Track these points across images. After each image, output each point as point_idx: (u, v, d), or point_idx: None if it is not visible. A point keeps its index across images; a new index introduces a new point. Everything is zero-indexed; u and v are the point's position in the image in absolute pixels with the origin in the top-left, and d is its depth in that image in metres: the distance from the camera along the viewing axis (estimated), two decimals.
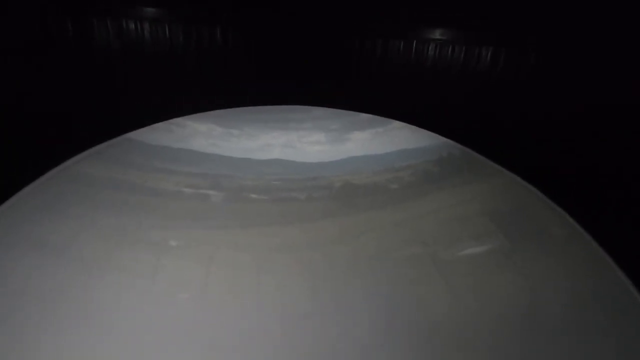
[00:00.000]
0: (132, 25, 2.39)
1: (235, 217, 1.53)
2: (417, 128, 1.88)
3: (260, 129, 1.92)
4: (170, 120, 1.82)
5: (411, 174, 1.78)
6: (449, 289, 1.33)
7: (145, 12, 2.40)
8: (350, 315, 1.24)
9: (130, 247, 1.29)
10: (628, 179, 2.23)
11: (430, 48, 2.58)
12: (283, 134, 1.93)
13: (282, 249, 1.43)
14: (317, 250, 1.42)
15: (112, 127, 1.66)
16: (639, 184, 2.19)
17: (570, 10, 2.24)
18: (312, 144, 1.90)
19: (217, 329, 1.15)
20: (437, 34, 2.55)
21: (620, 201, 2.10)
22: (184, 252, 1.35)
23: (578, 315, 1.23)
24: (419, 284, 1.35)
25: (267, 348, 1.13)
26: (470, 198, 1.60)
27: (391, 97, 2.58)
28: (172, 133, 1.79)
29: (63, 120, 2.11)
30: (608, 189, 2.19)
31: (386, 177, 1.77)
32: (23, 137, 1.98)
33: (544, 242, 1.46)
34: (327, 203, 1.64)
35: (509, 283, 1.38)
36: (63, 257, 1.19)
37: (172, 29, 2.39)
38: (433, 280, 1.36)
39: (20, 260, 1.15)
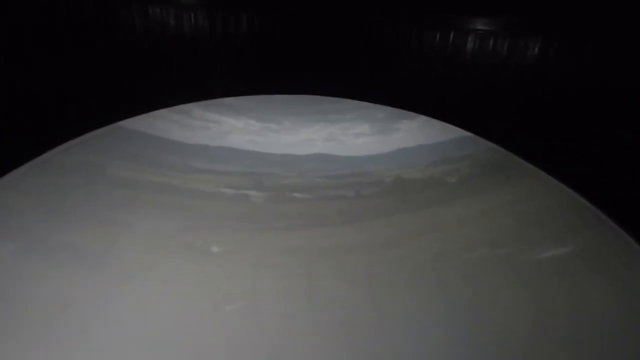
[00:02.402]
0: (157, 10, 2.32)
1: (280, 219, 1.40)
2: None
3: (299, 122, 1.79)
4: (207, 117, 1.73)
5: (471, 164, 1.59)
6: (529, 295, 1.15)
7: None
8: (415, 328, 1.09)
9: (172, 254, 1.19)
10: None
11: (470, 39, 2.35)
12: (324, 126, 1.79)
13: (335, 252, 1.29)
14: (374, 253, 1.27)
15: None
16: None
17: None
18: (357, 136, 1.75)
19: (266, 344, 1.03)
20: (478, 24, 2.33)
21: None
22: (229, 258, 1.24)
23: None
24: (493, 289, 1.17)
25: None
26: (546, 191, 1.40)
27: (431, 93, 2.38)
28: (209, 130, 1.69)
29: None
30: None
31: (442, 169, 1.59)
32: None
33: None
34: (379, 200, 1.48)
35: (599, 288, 1.18)
36: (101, 265, 1.10)
37: (198, 16, 2.30)
38: (510, 285, 1.18)
39: (56, 269, 1.07)
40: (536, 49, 2.24)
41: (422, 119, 1.77)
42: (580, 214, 1.34)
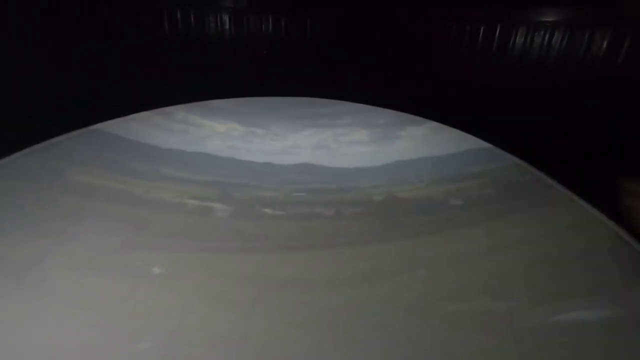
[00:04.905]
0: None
1: (238, 238, 1.21)
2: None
3: (288, 127, 1.59)
4: (189, 120, 1.60)
5: (484, 184, 1.25)
6: None
7: None
8: None
9: (102, 272, 1.06)
10: None
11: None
12: (316, 132, 1.56)
13: (288, 285, 1.06)
14: (333, 291, 1.02)
15: None
16: None
17: None
18: (351, 144, 1.50)
19: None
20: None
21: None
22: (165, 283, 1.08)
23: None
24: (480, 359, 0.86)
25: None
26: (583, 227, 1.03)
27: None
28: (188, 134, 1.56)
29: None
30: None
31: (446, 189, 1.28)
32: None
33: None
34: (359, 224, 1.22)
35: None
36: (23, 280, 1.01)
37: (199, 15, 2.21)
38: (506, 355, 0.86)
39: None
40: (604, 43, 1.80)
41: (431, 125, 1.46)
42: (635, 265, 0.96)
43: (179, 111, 1.63)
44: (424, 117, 1.56)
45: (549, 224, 1.09)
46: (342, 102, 1.66)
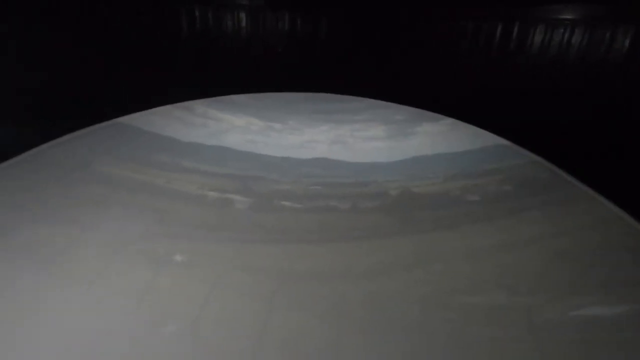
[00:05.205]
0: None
1: (257, 230, 1.24)
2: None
3: (306, 122, 1.61)
4: (208, 114, 1.64)
5: (502, 180, 1.26)
6: None
7: None
8: None
9: (126, 259, 1.10)
10: None
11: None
12: (333, 127, 1.58)
13: (306, 277, 1.09)
14: (351, 283, 1.04)
15: None
16: None
17: None
18: (368, 140, 1.51)
19: None
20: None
21: None
22: (186, 272, 1.11)
23: None
24: (498, 353, 0.87)
25: None
26: (602, 224, 1.03)
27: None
28: (207, 128, 1.60)
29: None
30: None
31: (464, 185, 1.29)
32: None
33: None
34: (375, 217, 1.24)
35: None
36: (51, 265, 1.05)
37: (216, 13, 2.25)
38: (523, 349, 0.87)
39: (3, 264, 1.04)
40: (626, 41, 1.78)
41: (448, 122, 1.47)
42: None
43: (199, 105, 1.67)
44: (441, 114, 1.56)
45: (568, 221, 1.09)
46: (359, 98, 1.67)
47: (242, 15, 2.34)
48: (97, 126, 1.49)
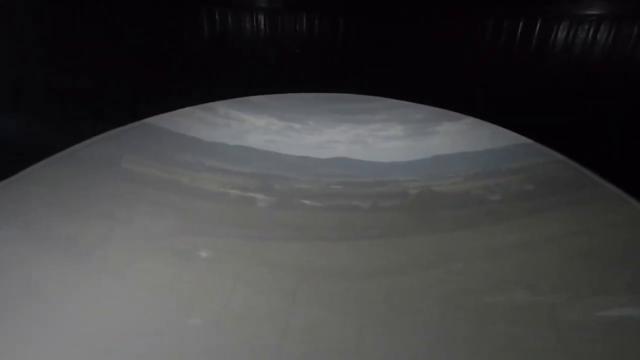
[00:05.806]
0: None
1: (279, 227, 1.27)
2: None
3: (324, 122, 1.63)
4: (230, 115, 1.68)
5: (524, 180, 1.24)
6: None
7: None
8: None
9: (154, 254, 1.15)
10: None
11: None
12: (352, 127, 1.60)
13: (326, 274, 1.11)
14: (370, 281, 1.06)
15: None
16: None
17: None
18: (386, 140, 1.52)
19: None
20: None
21: None
22: (211, 267, 1.15)
23: None
24: (520, 352, 0.87)
25: None
26: (627, 223, 1.01)
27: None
28: (229, 128, 1.64)
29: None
30: None
31: (485, 184, 1.28)
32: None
33: None
34: (396, 215, 1.25)
35: None
36: (84, 258, 1.11)
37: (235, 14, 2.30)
38: (546, 349, 0.86)
39: (42, 256, 1.10)
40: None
41: (469, 121, 1.46)
42: None
43: (221, 106, 1.71)
44: (461, 113, 1.55)
45: (592, 220, 1.07)
46: (378, 97, 1.68)
47: (261, 17, 2.39)
48: (127, 126, 1.55)
